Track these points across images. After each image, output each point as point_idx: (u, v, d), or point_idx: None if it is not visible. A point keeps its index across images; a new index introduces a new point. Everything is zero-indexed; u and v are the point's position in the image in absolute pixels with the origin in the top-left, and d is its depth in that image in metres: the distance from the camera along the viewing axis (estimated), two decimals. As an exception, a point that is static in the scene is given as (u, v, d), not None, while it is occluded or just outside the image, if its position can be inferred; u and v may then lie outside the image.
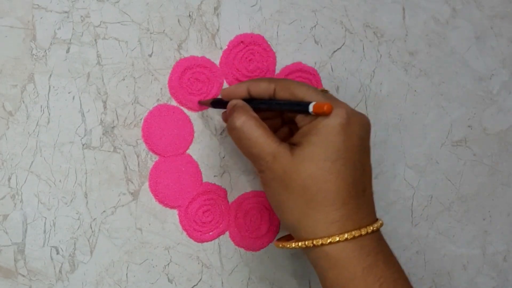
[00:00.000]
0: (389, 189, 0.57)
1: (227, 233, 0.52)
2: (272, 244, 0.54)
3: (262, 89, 0.45)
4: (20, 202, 0.47)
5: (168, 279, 0.51)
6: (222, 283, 0.52)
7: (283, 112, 0.48)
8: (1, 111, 0.46)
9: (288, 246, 0.43)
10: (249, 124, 0.42)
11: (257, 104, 0.45)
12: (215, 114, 0.51)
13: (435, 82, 0.57)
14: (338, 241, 0.40)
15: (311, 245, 0.41)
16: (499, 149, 0.59)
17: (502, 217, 0.60)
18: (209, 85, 0.51)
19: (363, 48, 0.55)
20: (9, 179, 0.47)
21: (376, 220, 0.43)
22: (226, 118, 0.47)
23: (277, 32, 0.53)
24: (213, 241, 0.52)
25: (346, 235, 0.40)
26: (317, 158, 0.40)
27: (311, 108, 0.41)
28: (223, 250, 0.52)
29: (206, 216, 0.51)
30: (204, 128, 0.51)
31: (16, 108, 0.47)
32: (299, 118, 0.43)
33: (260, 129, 0.42)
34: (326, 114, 0.40)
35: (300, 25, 0.53)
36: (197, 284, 0.52)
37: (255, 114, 0.43)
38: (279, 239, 0.45)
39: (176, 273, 0.51)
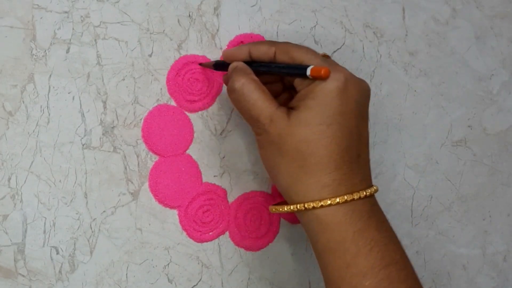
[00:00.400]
0: (389, 189, 0.57)
1: (227, 233, 0.52)
2: (272, 244, 0.54)
3: (262, 51, 0.44)
4: (20, 202, 0.47)
5: (168, 279, 0.51)
6: (222, 283, 0.52)
7: (284, 77, 0.47)
8: (1, 111, 0.46)
9: (281, 209, 0.43)
10: (248, 86, 0.42)
11: (257, 67, 0.45)
12: (215, 114, 0.51)
13: (435, 82, 0.57)
14: (330, 205, 0.40)
15: (303, 208, 0.41)
16: (499, 149, 0.59)
17: (502, 217, 0.60)
18: (209, 85, 0.51)
19: (363, 48, 0.55)
20: (9, 179, 0.47)
21: (371, 186, 0.43)
22: (227, 80, 0.47)
23: (277, 32, 0.53)
24: (213, 241, 0.52)
25: (337, 199, 0.40)
26: (312, 122, 0.40)
27: (308, 71, 0.41)
28: (223, 250, 0.52)
29: (206, 216, 0.51)
30: (204, 128, 0.51)
31: (16, 108, 0.47)
32: (298, 82, 0.43)
33: (259, 91, 0.42)
34: (323, 78, 0.40)
35: (300, 25, 0.53)
36: (197, 284, 0.52)
37: (255, 77, 0.43)
38: (274, 204, 0.46)
39: (176, 273, 0.51)
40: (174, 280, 0.51)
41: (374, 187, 0.43)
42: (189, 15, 0.50)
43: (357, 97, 0.42)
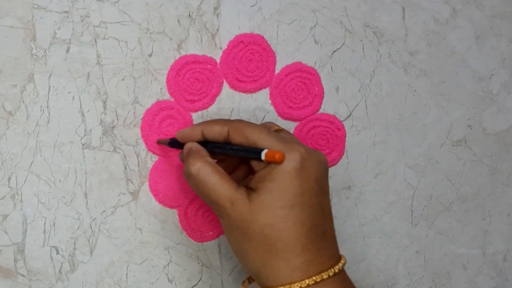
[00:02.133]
0: (389, 189, 0.57)
1: (227, 233, 0.52)
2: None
3: (216, 132, 0.44)
4: (20, 202, 0.47)
5: (168, 279, 0.51)
6: (222, 283, 0.52)
7: None
8: (1, 111, 0.46)
9: None
10: (204, 170, 0.42)
11: (212, 148, 0.44)
12: (215, 114, 0.51)
13: (435, 82, 0.57)
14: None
15: None
16: (499, 149, 0.59)
17: (502, 217, 0.60)
18: (209, 85, 0.51)
19: (363, 48, 0.55)
20: (9, 179, 0.47)
21: (339, 260, 0.42)
22: (182, 159, 0.47)
23: (277, 32, 0.53)
24: (213, 241, 0.52)
25: (307, 281, 0.40)
26: (273, 206, 0.40)
27: (263, 156, 0.40)
28: (223, 250, 0.52)
29: (206, 216, 0.51)
30: (204, 128, 0.51)
31: (16, 108, 0.47)
32: (254, 163, 0.42)
33: (216, 174, 0.41)
34: (278, 163, 0.40)
35: (300, 25, 0.53)
36: (197, 284, 0.52)
37: (210, 159, 0.43)
38: (243, 283, 0.45)
39: (176, 273, 0.51)
40: (174, 280, 0.51)
41: (342, 261, 0.42)
42: (189, 15, 0.50)
43: (316, 174, 0.41)
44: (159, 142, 0.49)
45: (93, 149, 0.48)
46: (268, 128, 0.45)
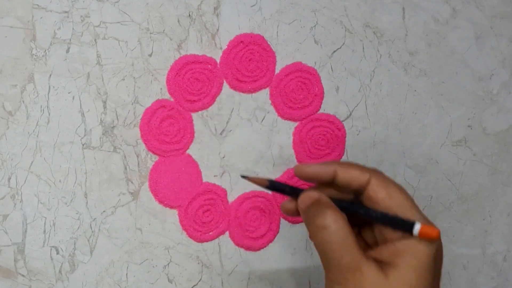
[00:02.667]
0: (389, 189, 0.56)
1: (227, 233, 0.52)
2: (272, 244, 0.54)
3: (353, 176, 0.38)
4: (20, 202, 0.47)
5: (168, 279, 0.51)
6: (222, 283, 0.52)
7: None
8: (1, 111, 0.46)
9: None
10: (344, 228, 0.37)
11: (346, 206, 0.39)
12: (215, 114, 0.51)
13: (435, 82, 0.57)
14: None
15: None
16: (499, 149, 0.59)
17: (502, 217, 0.60)
18: (209, 85, 0.51)
19: (363, 48, 0.55)
20: (9, 179, 0.47)
21: None
22: (291, 209, 0.41)
23: (277, 32, 0.53)
24: (213, 241, 0.52)
25: None
26: (412, 285, 0.36)
27: (416, 231, 0.37)
28: (223, 250, 0.52)
29: (206, 216, 0.51)
30: (204, 128, 0.51)
31: (16, 108, 0.47)
32: (385, 229, 0.38)
33: (352, 236, 0.37)
34: (435, 240, 0.37)
35: (300, 25, 0.53)
36: (197, 284, 0.52)
37: (345, 216, 0.38)
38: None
39: (176, 273, 0.51)
40: (174, 280, 0.51)
41: None
42: (189, 15, 0.50)
43: (441, 262, 0.39)
44: (248, 179, 0.42)
45: (93, 149, 0.48)
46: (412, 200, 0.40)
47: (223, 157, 0.52)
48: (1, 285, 0.47)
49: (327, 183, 0.40)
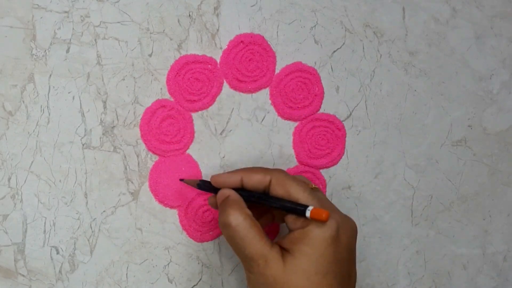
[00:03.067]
0: (389, 189, 0.57)
1: (227, 233, 0.52)
2: (272, 244, 0.54)
3: (256, 180, 0.44)
4: (20, 202, 0.47)
5: (168, 279, 0.51)
6: (222, 283, 0.52)
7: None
8: (1, 111, 0.46)
9: None
10: (244, 223, 0.42)
11: (249, 197, 0.44)
12: (215, 114, 0.51)
13: (435, 82, 0.57)
14: None
15: None
16: (499, 149, 0.59)
17: (502, 217, 0.60)
18: (209, 85, 0.51)
19: (363, 48, 0.55)
20: (9, 179, 0.47)
21: None
22: (214, 204, 0.46)
23: (277, 32, 0.53)
24: (213, 241, 0.52)
25: None
26: (308, 271, 0.40)
27: (308, 213, 0.41)
28: (223, 250, 0.52)
29: (206, 216, 0.51)
30: (204, 128, 0.51)
31: (16, 108, 0.47)
32: (290, 219, 0.42)
33: (254, 229, 0.42)
34: (323, 221, 0.41)
35: (300, 25, 0.53)
36: (197, 284, 0.52)
37: (249, 211, 0.43)
38: None
39: (176, 273, 0.51)
40: (174, 280, 0.51)
41: None
42: (189, 15, 0.50)
43: (348, 242, 0.42)
44: (184, 181, 0.49)
45: (93, 149, 0.48)
46: (307, 186, 0.45)
47: (223, 157, 0.52)
48: (1, 285, 0.47)
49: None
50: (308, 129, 0.54)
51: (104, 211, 0.49)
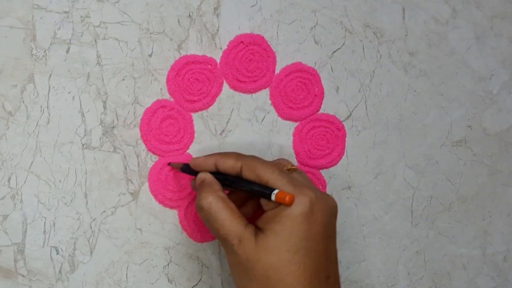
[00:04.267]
0: (389, 189, 0.57)
1: (227, 233, 0.52)
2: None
3: (228, 166, 0.44)
4: (20, 202, 0.47)
5: (168, 279, 0.51)
6: (222, 283, 0.52)
7: None
8: (1, 111, 0.46)
9: None
10: (216, 205, 0.42)
11: (223, 180, 0.44)
12: (215, 114, 0.51)
13: (435, 82, 0.57)
14: None
15: None
16: (499, 149, 0.59)
17: (502, 217, 0.60)
18: (209, 85, 0.51)
19: (363, 48, 0.55)
20: (9, 179, 0.47)
21: None
22: (194, 187, 0.47)
23: (277, 32, 0.53)
24: (213, 241, 0.52)
25: None
26: (278, 249, 0.40)
27: (273, 196, 0.41)
28: (223, 250, 0.52)
29: (206, 216, 0.51)
30: (204, 128, 0.51)
31: (16, 108, 0.47)
32: (264, 202, 0.43)
33: (227, 210, 0.42)
34: (287, 205, 0.41)
35: (300, 25, 0.53)
36: (197, 284, 0.52)
37: (222, 194, 0.43)
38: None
39: (176, 273, 0.51)
40: (174, 280, 0.51)
41: None
42: (189, 15, 0.50)
43: (324, 219, 0.42)
44: (170, 165, 0.50)
45: (93, 149, 0.48)
46: (281, 167, 0.45)
47: (223, 157, 0.52)
48: (1, 285, 0.47)
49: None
50: (308, 129, 0.54)
51: (104, 211, 0.49)
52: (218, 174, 0.45)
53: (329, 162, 0.54)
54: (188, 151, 0.51)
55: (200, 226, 0.51)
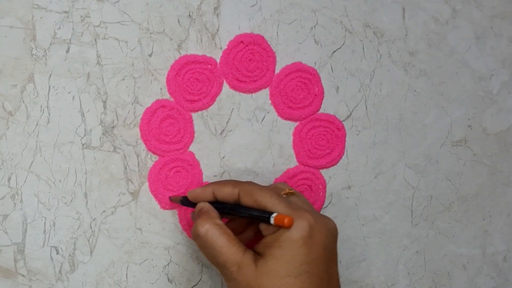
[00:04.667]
0: (389, 189, 0.57)
1: (227, 233, 0.52)
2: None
3: (226, 193, 0.44)
4: (20, 202, 0.47)
5: (168, 279, 0.51)
6: (222, 283, 0.52)
7: None
8: (1, 111, 0.46)
9: None
10: (213, 232, 0.42)
11: (222, 209, 0.44)
12: (215, 114, 0.51)
13: (435, 82, 0.57)
14: None
15: None
16: (499, 149, 0.59)
17: (502, 217, 0.60)
18: (209, 85, 0.51)
19: (363, 48, 0.55)
20: (9, 179, 0.47)
21: None
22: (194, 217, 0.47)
23: (277, 32, 0.53)
24: (213, 241, 0.52)
25: None
26: (279, 274, 0.40)
27: (272, 220, 0.41)
28: (223, 250, 0.52)
29: (206, 216, 0.51)
30: (204, 128, 0.51)
31: (16, 108, 0.47)
32: (263, 226, 0.43)
33: (223, 237, 0.42)
34: (286, 227, 0.41)
35: (300, 25, 0.53)
36: (197, 284, 0.52)
37: (219, 221, 0.43)
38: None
39: (176, 273, 0.51)
40: (174, 280, 0.51)
41: None
42: (189, 15, 0.50)
43: (324, 242, 0.42)
44: (171, 199, 0.50)
45: (93, 149, 0.48)
46: (279, 192, 0.45)
47: (223, 157, 0.52)
48: (1, 285, 0.47)
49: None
50: (308, 129, 0.54)
51: (104, 211, 0.49)
52: (217, 203, 0.45)
53: (329, 162, 0.54)
54: (188, 150, 0.51)
55: (200, 226, 0.51)
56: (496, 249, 0.60)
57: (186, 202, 0.48)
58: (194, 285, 0.52)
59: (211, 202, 0.45)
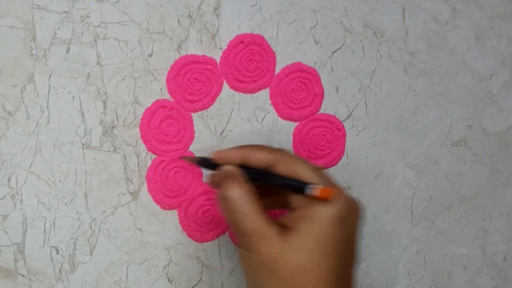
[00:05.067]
0: (389, 189, 0.57)
1: (227, 233, 0.52)
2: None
3: (260, 159, 0.42)
4: (20, 202, 0.47)
5: (168, 279, 0.51)
6: (222, 283, 0.52)
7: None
8: (1, 111, 0.46)
9: None
10: (243, 197, 0.40)
11: (253, 174, 0.42)
12: (215, 114, 0.51)
13: (435, 82, 0.57)
14: None
15: None
16: (499, 149, 0.59)
17: (502, 217, 0.60)
18: (209, 85, 0.51)
19: (363, 48, 0.55)
20: (9, 179, 0.47)
21: None
22: (215, 181, 0.44)
23: (277, 32, 0.53)
24: (213, 241, 0.52)
25: None
26: (309, 250, 0.38)
27: (314, 191, 0.39)
28: (223, 250, 0.52)
29: (206, 216, 0.51)
30: (204, 128, 0.51)
31: (16, 108, 0.47)
32: (293, 198, 0.41)
33: (254, 205, 0.40)
34: (327, 200, 0.39)
35: (300, 25, 0.53)
36: (197, 284, 0.52)
37: (250, 187, 0.41)
38: None
39: (176, 273, 0.51)
40: (174, 280, 0.51)
41: None
42: (189, 15, 0.50)
43: (355, 224, 0.40)
44: (183, 159, 0.48)
45: (93, 149, 0.48)
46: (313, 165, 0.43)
47: (223, 157, 0.52)
48: (1, 285, 0.47)
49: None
50: (308, 129, 0.54)
51: (104, 211, 0.49)
52: (244, 168, 0.42)
53: (329, 162, 0.54)
54: (188, 151, 0.51)
55: (200, 226, 0.51)
56: (496, 249, 0.60)
57: (205, 163, 0.45)
58: (194, 285, 0.52)
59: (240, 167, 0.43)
